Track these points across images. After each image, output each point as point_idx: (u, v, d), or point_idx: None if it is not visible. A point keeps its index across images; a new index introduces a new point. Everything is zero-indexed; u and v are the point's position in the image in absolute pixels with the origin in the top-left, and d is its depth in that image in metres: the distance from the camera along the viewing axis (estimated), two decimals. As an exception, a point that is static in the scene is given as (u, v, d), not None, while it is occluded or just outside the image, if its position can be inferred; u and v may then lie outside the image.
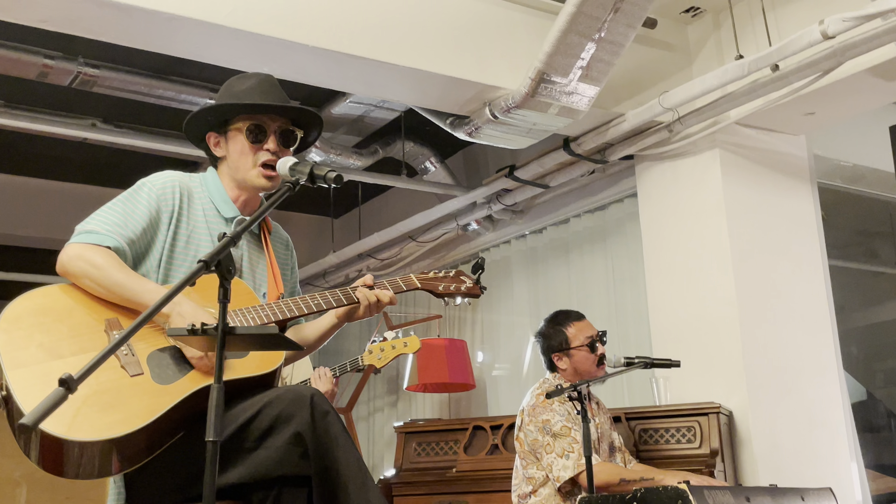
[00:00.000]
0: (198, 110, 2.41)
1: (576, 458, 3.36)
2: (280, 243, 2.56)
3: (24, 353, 1.98)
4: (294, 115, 2.43)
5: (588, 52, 3.92)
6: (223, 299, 1.73)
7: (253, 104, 2.36)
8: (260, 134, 2.36)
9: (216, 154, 2.44)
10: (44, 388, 1.86)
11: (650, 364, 3.37)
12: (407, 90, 4.22)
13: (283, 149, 2.39)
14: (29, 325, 2.03)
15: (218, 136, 2.42)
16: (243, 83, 2.42)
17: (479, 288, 2.59)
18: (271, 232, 2.52)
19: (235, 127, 2.38)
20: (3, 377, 1.96)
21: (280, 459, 1.95)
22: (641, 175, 4.87)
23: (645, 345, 4.81)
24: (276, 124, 2.38)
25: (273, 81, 2.45)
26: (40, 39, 4.22)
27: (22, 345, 1.99)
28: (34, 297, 2.11)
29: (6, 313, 2.05)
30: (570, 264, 5.56)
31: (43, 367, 1.96)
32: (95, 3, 3.32)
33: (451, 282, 2.56)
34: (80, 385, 1.41)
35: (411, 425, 4.82)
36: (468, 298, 2.57)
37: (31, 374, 1.95)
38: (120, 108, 5.15)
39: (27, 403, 1.90)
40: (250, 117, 2.37)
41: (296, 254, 2.64)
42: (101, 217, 2.22)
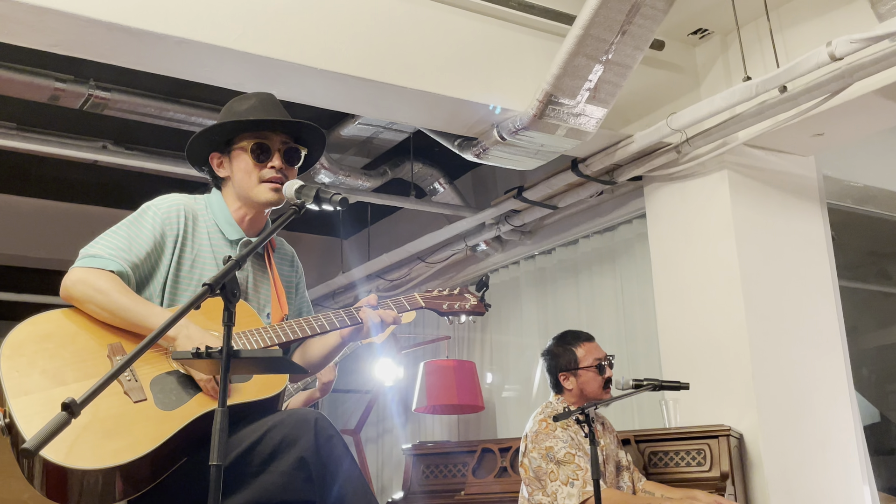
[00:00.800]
0: (200, 131, 2.41)
1: (580, 486, 3.33)
2: (285, 261, 2.55)
3: (27, 380, 1.97)
4: (297, 132, 2.43)
5: (596, 73, 3.93)
6: (227, 323, 1.73)
7: (257, 120, 2.36)
8: (264, 152, 2.37)
9: (220, 175, 2.44)
10: (47, 416, 1.85)
11: (659, 386, 3.35)
12: (415, 112, 4.24)
13: (288, 166, 2.39)
14: (32, 352, 2.02)
15: (221, 157, 2.43)
16: (244, 103, 2.42)
17: (483, 306, 2.57)
18: (275, 249, 2.51)
19: (239, 146, 2.39)
20: (6, 405, 1.95)
21: (284, 484, 1.94)
22: (650, 196, 4.86)
23: (654, 367, 4.78)
24: (279, 141, 2.39)
25: (274, 100, 2.45)
26: (52, 63, 4.26)
27: (25, 371, 1.98)
28: (37, 323, 2.10)
29: (9, 339, 2.04)
30: (578, 285, 5.55)
31: (46, 394, 1.96)
32: (106, 28, 3.34)
33: (456, 300, 2.54)
34: (82, 411, 1.40)
35: (420, 447, 4.80)
36: (473, 316, 2.55)
37: (34, 401, 1.94)
38: (130, 131, 5.18)
39: (30, 431, 1.89)
40: (254, 135, 2.37)
41: (302, 268, 2.62)
42: (104, 241, 2.23)
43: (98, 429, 1.89)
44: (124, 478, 1.91)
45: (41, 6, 3.20)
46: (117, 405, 1.96)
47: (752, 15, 4.41)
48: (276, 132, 2.39)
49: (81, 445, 1.82)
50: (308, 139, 2.46)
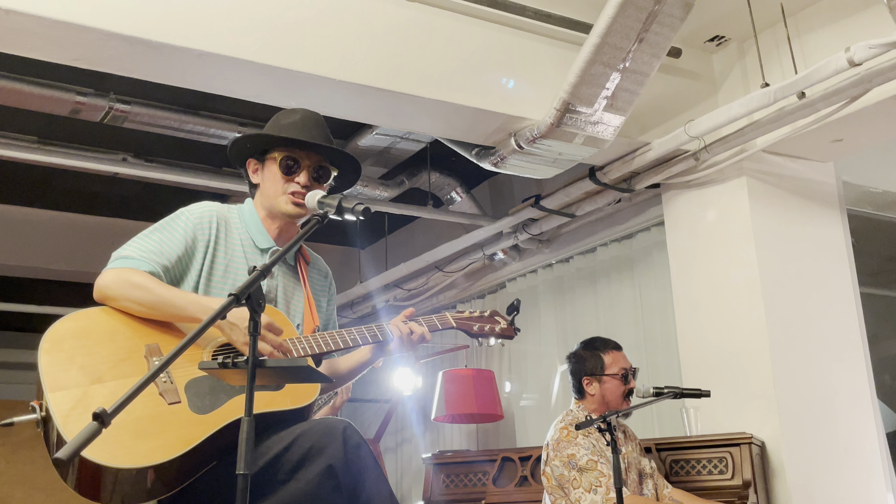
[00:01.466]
0: (240, 136, 2.48)
1: (604, 493, 3.32)
2: (319, 274, 2.59)
3: (65, 376, 2.01)
4: (329, 155, 2.46)
5: (613, 81, 3.94)
6: (253, 332, 1.75)
7: (288, 138, 2.40)
8: (293, 166, 2.41)
9: (253, 181, 2.49)
10: (82, 413, 1.91)
11: (680, 394, 3.34)
12: (432, 122, 4.25)
13: (316, 184, 2.42)
14: (71, 348, 2.06)
15: (257, 164, 2.49)
16: (288, 117, 2.47)
17: (513, 329, 2.60)
18: (309, 263, 2.55)
19: (272, 157, 2.44)
20: (44, 398, 1.99)
21: (312, 492, 1.95)
22: (668, 203, 4.85)
23: (674, 374, 4.76)
24: (310, 160, 2.42)
25: (318, 119, 2.49)
26: (72, 77, 4.31)
27: (64, 366, 2.02)
28: (77, 319, 2.14)
29: (49, 334, 2.08)
30: (597, 293, 5.54)
31: (83, 390, 1.99)
32: (126, 41, 3.38)
33: (486, 322, 2.57)
34: (117, 413, 1.43)
35: (440, 457, 4.79)
36: (502, 339, 2.57)
37: (70, 396, 1.98)
38: (150, 143, 5.22)
39: (66, 427, 1.92)
40: (287, 150, 2.42)
41: (335, 286, 2.67)
42: (136, 244, 2.27)
43: (132, 429, 1.92)
44: (156, 478, 1.94)
45: (63, 21, 3.24)
46: (152, 406, 1.99)
47: (770, 21, 4.41)
48: (308, 153, 2.43)
49: (115, 444, 1.85)
50: (340, 162, 2.49)
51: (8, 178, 5.85)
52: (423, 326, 2.40)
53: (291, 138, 2.40)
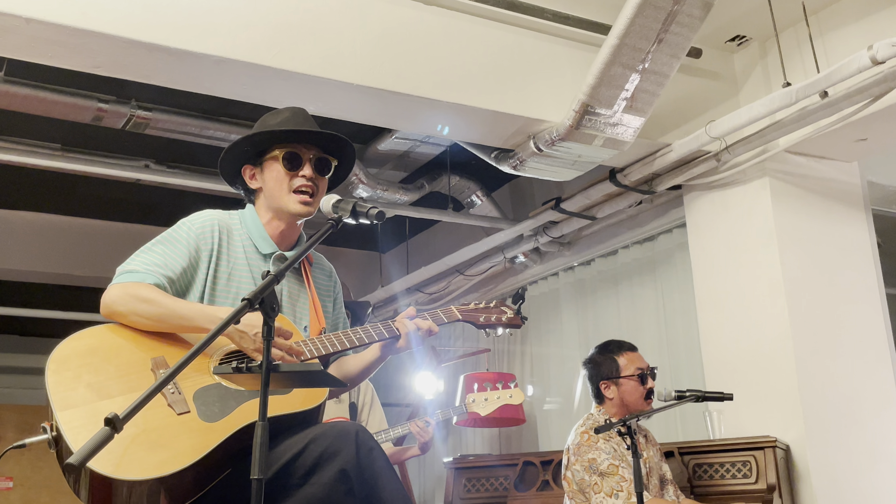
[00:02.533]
0: (233, 142, 2.45)
1: (625, 497, 3.29)
2: (322, 274, 2.57)
3: (73, 394, 2.01)
4: (327, 144, 2.45)
5: (632, 83, 3.91)
6: (267, 337, 1.74)
7: (289, 130, 2.40)
8: (295, 161, 2.40)
9: (252, 187, 2.47)
10: (92, 429, 1.89)
11: (703, 397, 3.31)
12: (451, 125, 4.25)
13: (319, 176, 2.42)
14: (77, 366, 2.06)
15: (254, 168, 2.46)
16: (276, 117, 2.46)
17: (519, 318, 2.57)
18: (312, 264, 2.53)
19: (271, 156, 2.42)
20: (53, 418, 1.99)
21: (326, 496, 1.94)
22: (690, 205, 4.82)
23: (697, 377, 4.72)
24: (310, 152, 2.42)
25: (305, 114, 2.49)
26: (94, 84, 4.35)
27: (71, 385, 2.02)
28: (82, 338, 2.14)
29: (55, 354, 2.09)
30: (619, 296, 5.51)
31: (92, 407, 1.99)
32: (147, 49, 3.41)
33: (492, 313, 2.55)
34: (127, 424, 1.42)
35: (461, 461, 4.78)
36: (509, 329, 2.55)
37: (80, 414, 1.98)
38: (171, 150, 5.26)
39: (77, 443, 1.92)
40: (286, 145, 2.40)
41: (340, 284, 2.64)
42: (140, 258, 2.27)
43: (143, 440, 1.91)
44: (168, 489, 1.93)
45: (84, 29, 3.27)
46: (161, 417, 1.98)
47: (791, 20, 4.36)
48: (307, 144, 2.42)
49: (126, 457, 1.85)
50: (338, 151, 2.48)
51: (32, 185, 5.92)
52: (429, 321, 2.38)
53: (292, 130, 2.39)
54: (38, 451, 6.31)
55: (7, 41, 3.32)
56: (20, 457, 6.43)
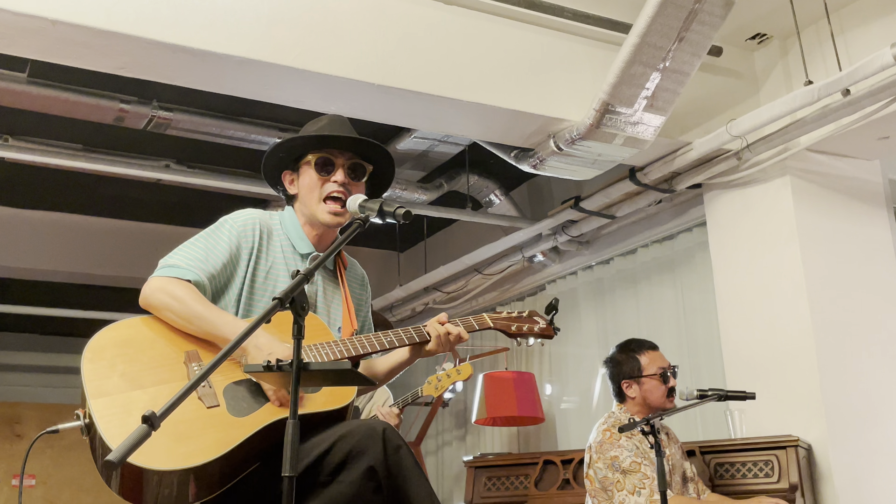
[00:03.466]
0: (271, 148, 2.50)
1: (648, 494, 3.29)
2: (355, 279, 2.60)
3: (107, 383, 2.05)
4: (363, 151, 2.47)
5: (653, 81, 3.91)
6: (297, 336, 1.76)
7: (320, 136, 2.43)
8: (328, 166, 2.42)
9: (290, 192, 2.51)
10: (124, 418, 1.94)
11: (724, 396, 3.31)
12: (471, 124, 4.26)
13: (353, 181, 2.44)
14: (112, 356, 2.11)
15: (292, 174, 2.50)
16: (316, 124, 2.51)
17: (552, 329, 2.59)
18: (347, 268, 2.56)
19: (306, 161, 2.46)
20: (87, 405, 2.03)
21: (354, 494, 1.96)
22: (710, 204, 4.80)
23: (718, 377, 4.71)
24: (344, 157, 2.44)
25: (344, 120, 2.52)
26: (116, 85, 4.38)
27: (105, 374, 2.07)
28: (118, 329, 2.19)
29: (91, 343, 2.13)
30: (638, 295, 5.50)
31: (125, 396, 2.03)
32: (170, 49, 3.43)
33: (525, 322, 2.56)
34: (156, 413, 1.46)
35: (481, 459, 4.79)
36: (541, 339, 2.56)
37: (113, 403, 2.02)
38: (192, 150, 5.29)
39: (109, 432, 1.96)
40: (319, 151, 2.44)
41: (370, 291, 2.68)
42: (183, 252, 2.30)
43: (172, 432, 1.94)
44: (196, 480, 1.96)
45: (108, 30, 3.29)
46: (191, 410, 2.02)
47: (812, 18, 4.34)
48: (341, 150, 2.44)
49: (156, 447, 1.87)
50: (374, 157, 2.50)
51: (54, 185, 5.97)
52: (459, 327, 2.40)
53: (324, 135, 2.42)
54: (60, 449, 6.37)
55: (33, 43, 3.35)
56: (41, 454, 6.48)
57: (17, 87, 4.26)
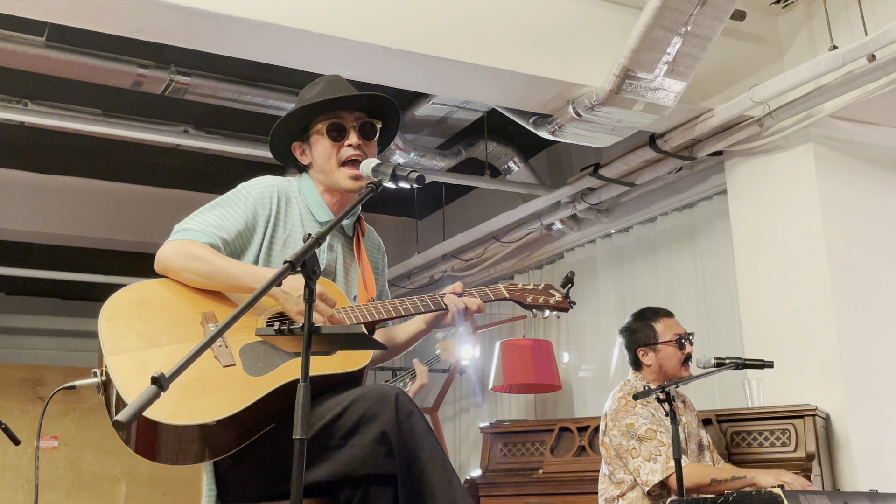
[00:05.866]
0: (277, 123, 2.45)
1: (663, 461, 3.29)
2: (373, 246, 2.60)
3: (124, 341, 2.07)
4: (370, 106, 2.45)
5: (674, 46, 3.85)
6: (308, 299, 1.76)
7: (326, 101, 2.39)
8: (340, 130, 2.40)
9: (303, 163, 2.49)
10: (141, 375, 1.96)
11: (742, 365, 3.28)
12: (489, 90, 4.22)
13: (365, 141, 2.42)
14: (130, 315, 2.13)
15: (302, 145, 2.47)
16: (314, 89, 2.46)
17: (568, 302, 2.57)
18: (364, 235, 2.56)
19: (316, 130, 2.42)
20: (104, 362, 2.05)
21: (365, 458, 1.97)
22: (731, 171, 4.75)
23: (736, 345, 4.69)
24: (353, 118, 2.41)
25: (341, 80, 2.49)
26: (134, 49, 4.37)
27: (122, 333, 2.09)
28: (135, 290, 2.20)
29: (109, 303, 2.15)
30: (657, 263, 5.47)
31: (141, 354, 2.05)
32: (186, 13, 3.41)
33: (540, 294, 2.55)
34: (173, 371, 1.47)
35: (497, 426, 4.81)
36: (556, 312, 2.55)
37: (129, 360, 2.04)
38: (210, 115, 5.28)
39: (124, 387, 1.98)
40: (328, 116, 2.41)
41: (386, 259, 2.68)
42: (198, 217, 2.30)
43: (187, 389, 1.96)
44: (210, 437, 1.98)
45: (124, -7, 3.28)
46: (207, 368, 2.03)
47: (839, -19, 4.26)
48: (349, 110, 2.41)
49: (171, 403, 1.89)
50: (382, 112, 2.47)
51: (73, 150, 5.99)
52: (477, 298, 2.39)
53: (331, 99, 2.38)
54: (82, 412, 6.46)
55: (49, 5, 3.34)
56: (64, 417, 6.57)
57: (35, 52, 4.25)
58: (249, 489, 2.12)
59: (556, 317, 2.57)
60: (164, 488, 6.26)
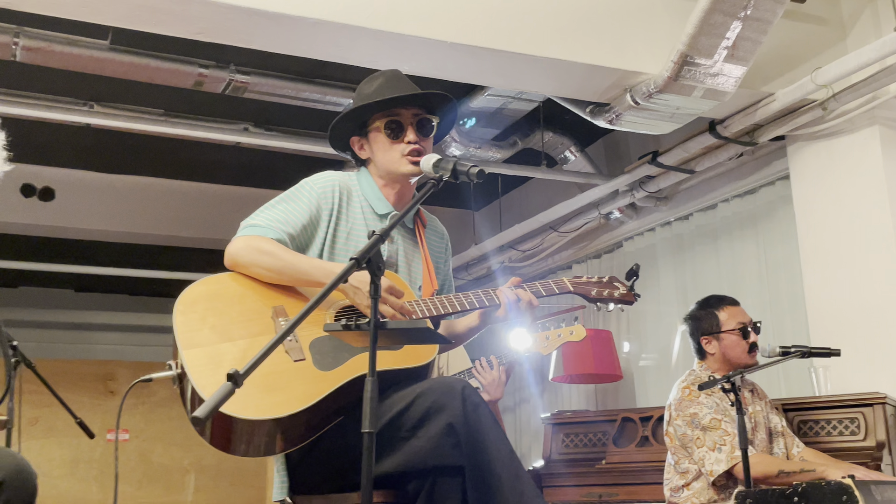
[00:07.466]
0: (336, 120, 2.49)
1: (728, 451, 3.26)
2: (436, 236, 2.63)
3: (198, 335, 2.13)
4: (426, 103, 2.47)
5: (734, 31, 3.79)
6: (374, 295, 1.79)
7: (384, 100, 2.41)
8: (398, 128, 2.43)
9: (361, 157, 2.52)
10: (214, 369, 2.01)
11: (808, 353, 3.24)
12: (546, 81, 4.20)
13: (423, 138, 2.44)
14: (203, 309, 2.18)
15: (361, 140, 2.51)
16: (372, 84, 2.49)
17: (632, 295, 2.56)
18: (426, 226, 2.58)
19: (374, 127, 2.46)
20: (179, 356, 2.11)
21: (433, 449, 1.99)
22: (794, 156, 4.66)
23: (802, 333, 4.61)
24: (410, 115, 2.44)
25: (400, 75, 2.51)
26: (194, 50, 4.45)
27: (196, 327, 2.15)
28: (207, 284, 2.26)
29: (183, 297, 2.20)
30: (718, 251, 5.40)
31: (214, 348, 2.11)
32: (246, 13, 3.47)
33: (605, 287, 2.54)
34: (247, 365, 1.51)
35: (559, 416, 4.81)
36: (621, 305, 2.54)
37: (203, 354, 2.09)
38: (269, 112, 5.36)
39: (200, 382, 2.03)
40: (386, 114, 2.43)
41: (451, 248, 2.72)
42: (264, 213, 2.35)
43: (260, 383, 2.00)
44: (283, 430, 2.03)
45: (186, -4, 3.34)
46: (278, 363, 2.08)
47: (904, -42, 4.14)
48: (406, 107, 2.43)
49: (246, 398, 1.94)
50: (439, 108, 2.49)
51: (137, 149, 6.12)
52: (528, 293, 2.39)
53: (387, 99, 2.41)
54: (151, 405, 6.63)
55: (114, 10, 3.42)
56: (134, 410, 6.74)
57: (100, 55, 4.36)
58: (319, 481, 2.16)
59: (620, 310, 2.56)
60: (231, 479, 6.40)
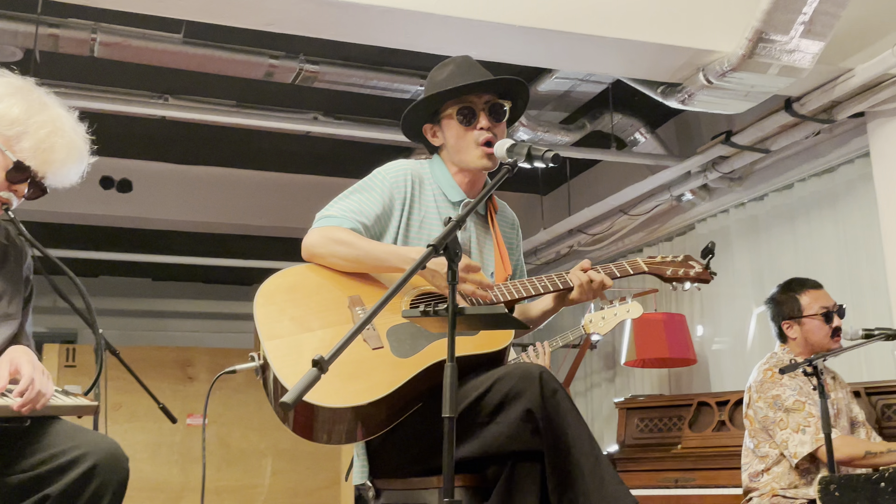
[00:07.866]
0: (408, 109, 2.50)
1: (813, 433, 3.19)
2: (506, 223, 2.63)
3: (278, 326, 2.18)
4: (498, 88, 2.46)
5: (811, 5, 3.69)
6: (451, 281, 1.80)
7: (455, 87, 2.41)
8: (470, 115, 2.42)
9: (434, 144, 2.53)
10: (296, 359, 2.05)
11: (893, 336, 3.15)
12: (615, 62, 4.15)
13: (495, 123, 2.44)
14: (282, 301, 2.23)
15: (433, 127, 2.51)
16: (443, 71, 2.49)
17: (708, 273, 2.51)
18: (497, 212, 2.58)
19: (446, 114, 2.46)
20: (261, 347, 2.16)
21: (512, 435, 2.00)
22: (874, 133, 4.52)
23: (884, 315, 4.48)
24: (482, 101, 2.43)
25: (471, 61, 2.50)
26: (264, 41, 4.51)
27: (276, 318, 2.19)
28: (285, 276, 2.31)
29: (262, 289, 2.26)
30: (795, 232, 5.27)
31: (295, 338, 2.15)
32: (315, 3, 3.51)
33: (680, 266, 2.50)
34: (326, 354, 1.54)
35: (633, 401, 4.78)
36: (698, 284, 2.50)
37: (284, 344, 2.14)
38: (339, 101, 5.40)
39: (282, 372, 2.08)
40: (457, 101, 2.43)
41: (521, 233, 2.70)
42: (338, 204, 2.38)
43: (341, 372, 2.03)
44: (362, 418, 2.07)
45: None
46: (357, 351, 2.11)
47: None
48: (478, 93, 2.43)
49: (327, 387, 1.96)
50: (510, 92, 2.48)
51: (210, 140, 6.24)
52: (601, 274, 2.37)
53: (459, 86, 2.40)
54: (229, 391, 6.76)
55: (187, 4, 3.49)
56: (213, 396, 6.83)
57: (173, 48, 4.45)
58: (399, 465, 2.19)
59: (696, 289, 2.52)
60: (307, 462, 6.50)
